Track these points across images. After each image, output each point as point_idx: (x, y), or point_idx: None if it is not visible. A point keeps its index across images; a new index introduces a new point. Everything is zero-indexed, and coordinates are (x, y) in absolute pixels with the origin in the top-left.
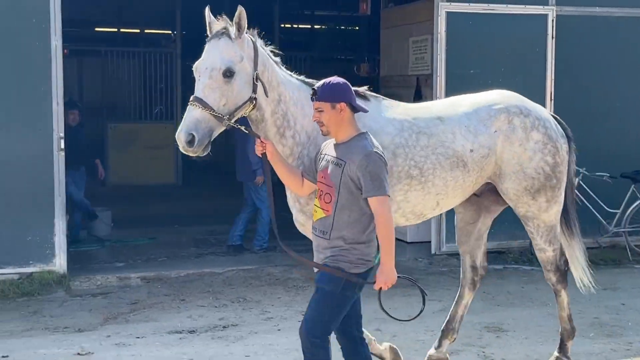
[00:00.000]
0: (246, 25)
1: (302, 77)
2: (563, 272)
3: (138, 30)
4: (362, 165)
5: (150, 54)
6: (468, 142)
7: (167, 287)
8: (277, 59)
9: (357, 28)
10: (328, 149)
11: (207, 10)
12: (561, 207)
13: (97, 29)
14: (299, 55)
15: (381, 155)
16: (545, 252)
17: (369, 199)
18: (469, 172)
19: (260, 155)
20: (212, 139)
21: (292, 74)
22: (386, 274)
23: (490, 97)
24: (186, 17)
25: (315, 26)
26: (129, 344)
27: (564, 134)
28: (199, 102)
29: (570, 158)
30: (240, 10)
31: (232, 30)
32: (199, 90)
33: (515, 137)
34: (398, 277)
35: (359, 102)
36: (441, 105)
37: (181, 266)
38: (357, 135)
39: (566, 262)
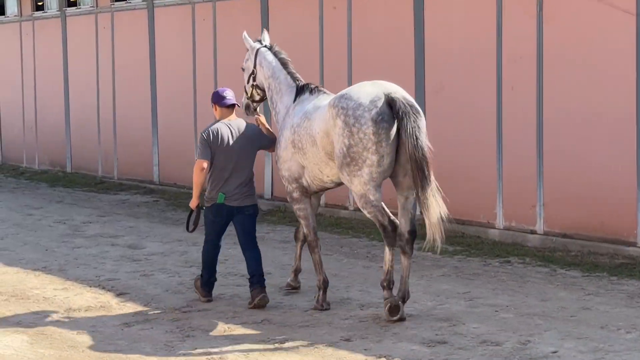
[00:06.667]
0: (250, 42)
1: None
2: (388, 232)
3: None
4: None
5: None
6: (319, 127)
7: None
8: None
9: None
10: None
11: (244, 33)
12: (368, 180)
13: None
14: None
15: (202, 134)
16: (365, 215)
17: None
18: (319, 149)
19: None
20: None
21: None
22: (191, 202)
23: (350, 89)
24: None
25: None
26: None
27: (374, 117)
28: None
29: (406, 133)
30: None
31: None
32: None
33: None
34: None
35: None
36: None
37: None
38: None
39: (393, 225)
